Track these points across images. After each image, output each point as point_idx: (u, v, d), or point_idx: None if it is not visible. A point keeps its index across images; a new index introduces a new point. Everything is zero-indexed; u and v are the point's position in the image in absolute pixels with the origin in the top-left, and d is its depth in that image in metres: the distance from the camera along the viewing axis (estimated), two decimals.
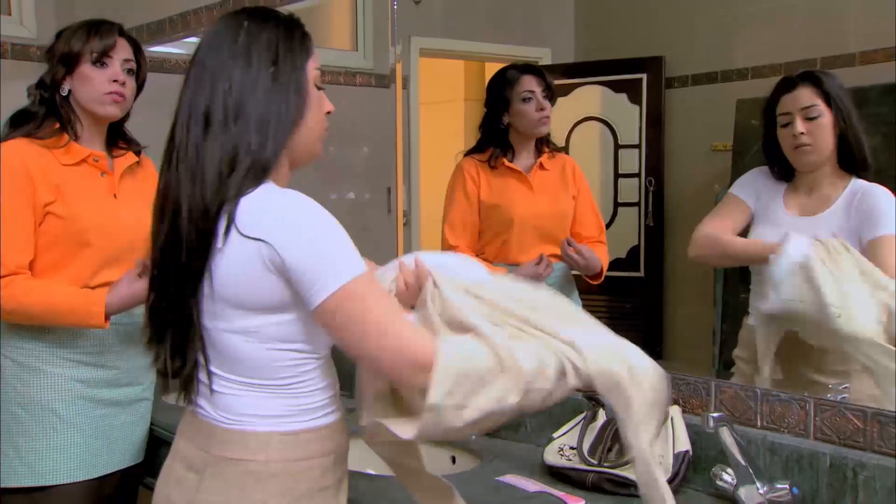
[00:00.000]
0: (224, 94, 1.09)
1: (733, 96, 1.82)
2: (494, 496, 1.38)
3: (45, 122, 1.63)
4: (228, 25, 1.13)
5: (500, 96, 2.03)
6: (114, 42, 1.65)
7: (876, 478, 1.21)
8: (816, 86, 1.49)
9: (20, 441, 1.59)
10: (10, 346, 1.62)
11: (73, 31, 1.66)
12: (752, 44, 1.82)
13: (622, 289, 2.10)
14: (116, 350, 1.65)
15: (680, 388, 1.49)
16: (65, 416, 1.59)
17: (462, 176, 2.05)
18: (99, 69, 1.64)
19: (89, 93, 1.63)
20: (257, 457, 1.11)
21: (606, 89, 2.17)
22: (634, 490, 1.36)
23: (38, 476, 1.57)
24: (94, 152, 1.65)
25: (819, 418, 1.32)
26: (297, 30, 1.15)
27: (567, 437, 1.51)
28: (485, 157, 2.05)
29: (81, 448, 1.60)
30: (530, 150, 2.05)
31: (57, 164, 1.60)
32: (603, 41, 2.19)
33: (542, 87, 1.99)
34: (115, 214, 1.63)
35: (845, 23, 1.68)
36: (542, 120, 2.00)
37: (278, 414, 1.12)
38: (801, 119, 1.50)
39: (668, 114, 2.04)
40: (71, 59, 1.63)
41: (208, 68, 1.11)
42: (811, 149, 1.51)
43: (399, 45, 2.09)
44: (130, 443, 1.68)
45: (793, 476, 1.29)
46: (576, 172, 2.06)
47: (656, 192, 2.06)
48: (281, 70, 1.11)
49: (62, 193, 1.58)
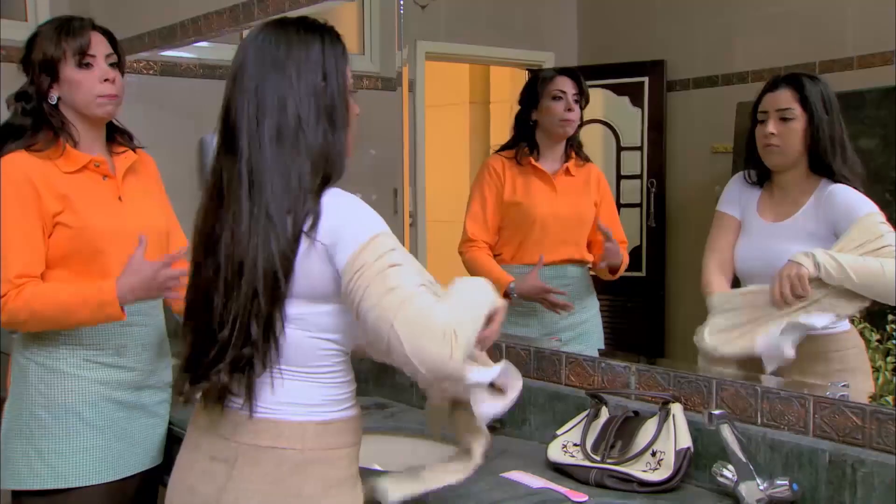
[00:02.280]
0: (287, 111, 1.14)
1: (733, 99, 1.83)
2: (499, 492, 1.39)
3: (38, 133, 1.57)
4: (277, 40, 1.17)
5: (532, 92, 2.06)
6: (88, 39, 1.58)
7: (874, 474, 1.23)
8: (797, 89, 1.51)
9: (42, 443, 1.57)
10: (34, 349, 1.60)
11: (45, 34, 1.58)
12: (752, 48, 1.84)
13: (625, 288, 2.12)
14: (136, 352, 1.64)
15: (681, 386, 1.51)
16: (87, 418, 1.58)
17: (488, 172, 2.08)
18: (85, 71, 1.57)
19: (82, 97, 1.58)
20: (294, 445, 1.15)
21: (609, 92, 2.19)
22: (637, 486, 1.39)
23: (61, 478, 1.56)
24: (95, 157, 1.60)
25: (818, 416, 1.33)
26: (338, 39, 1.21)
27: (570, 433, 1.53)
28: (512, 153, 2.08)
29: (103, 450, 1.59)
30: (557, 154, 2.06)
31: (59, 173, 1.56)
32: (605, 45, 2.21)
33: (575, 89, 2.02)
34: (122, 218, 1.61)
35: (843, 27, 1.69)
36: (566, 121, 2.02)
37: (313, 403, 1.17)
38: (775, 120, 1.53)
39: (669, 116, 2.05)
40: (52, 66, 1.57)
41: (267, 89, 1.15)
42: (779, 150, 1.53)
43: (405, 49, 2.11)
44: (151, 445, 1.67)
45: (792, 472, 1.31)
46: (601, 182, 2.09)
47: (658, 193, 2.08)
48: (329, 83, 1.17)
49: (69, 202, 1.55)
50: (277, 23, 1.21)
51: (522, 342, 1.83)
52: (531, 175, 2.05)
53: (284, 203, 1.12)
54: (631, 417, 1.50)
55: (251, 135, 1.14)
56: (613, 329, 2.16)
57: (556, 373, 1.72)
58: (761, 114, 1.56)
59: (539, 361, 1.76)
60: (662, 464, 1.39)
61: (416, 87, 2.16)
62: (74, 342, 1.59)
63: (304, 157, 1.14)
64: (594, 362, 1.66)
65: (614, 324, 2.16)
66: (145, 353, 1.66)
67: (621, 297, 2.14)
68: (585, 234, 2.05)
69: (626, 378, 1.60)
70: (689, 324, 1.64)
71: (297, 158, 1.14)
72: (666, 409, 1.44)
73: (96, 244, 1.57)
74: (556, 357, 1.73)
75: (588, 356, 1.70)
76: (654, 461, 1.40)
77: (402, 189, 2.13)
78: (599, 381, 1.64)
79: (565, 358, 1.71)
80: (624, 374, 1.61)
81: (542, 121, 2.05)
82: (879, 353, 1.49)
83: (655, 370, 1.56)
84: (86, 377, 1.59)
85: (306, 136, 1.14)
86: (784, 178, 1.56)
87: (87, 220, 1.57)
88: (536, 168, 2.05)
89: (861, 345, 1.50)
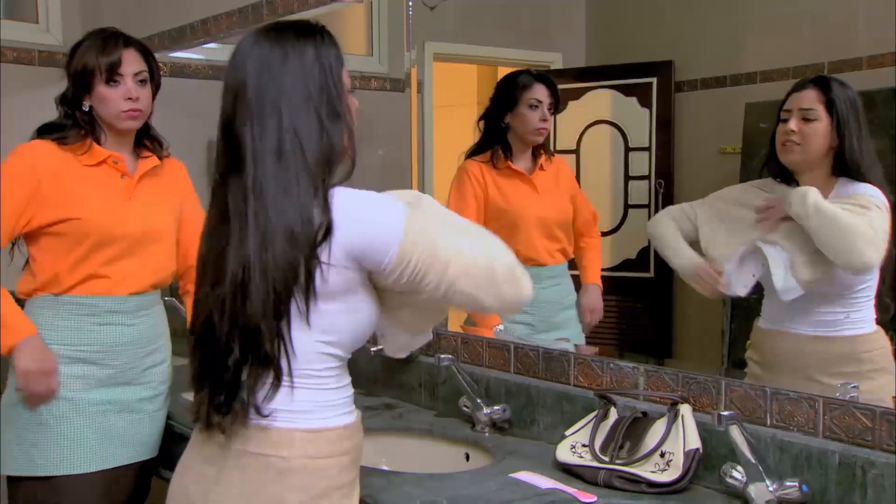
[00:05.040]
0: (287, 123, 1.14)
1: (742, 100, 1.83)
2: (508, 493, 1.40)
3: (71, 130, 1.70)
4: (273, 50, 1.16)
5: (509, 95, 2.07)
6: (119, 58, 1.68)
7: (884, 476, 1.23)
8: (822, 91, 1.51)
9: (23, 433, 1.65)
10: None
11: (84, 48, 1.70)
12: (761, 48, 1.84)
13: (632, 289, 2.12)
14: (114, 350, 1.69)
15: (690, 387, 1.51)
16: (63, 410, 1.65)
17: (468, 177, 2.08)
18: (112, 88, 1.68)
19: (107, 111, 1.70)
20: (280, 452, 1.14)
21: (617, 93, 2.19)
22: (646, 487, 1.39)
23: (36, 467, 1.64)
24: (114, 154, 1.71)
25: (828, 417, 1.33)
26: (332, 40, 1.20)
27: (579, 434, 1.53)
28: (486, 157, 2.08)
29: (79, 443, 1.65)
30: (527, 155, 2.11)
31: (78, 165, 1.68)
32: (613, 46, 2.21)
33: (551, 98, 2.06)
34: (125, 217, 1.69)
35: (853, 27, 1.69)
36: (541, 130, 2.07)
37: (302, 409, 1.15)
38: (798, 119, 1.53)
39: (677, 117, 2.05)
40: (84, 79, 1.68)
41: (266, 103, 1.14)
42: (799, 148, 1.53)
43: (414, 50, 2.11)
44: (135, 439, 1.71)
45: (802, 474, 1.30)
46: (566, 172, 2.15)
47: (666, 194, 2.08)
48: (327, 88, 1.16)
49: (74, 195, 1.65)
50: (272, 31, 1.19)
51: (530, 342, 1.83)
52: (512, 178, 2.08)
53: (291, 216, 1.11)
54: (640, 418, 1.50)
55: (255, 150, 1.14)
56: (622, 330, 2.16)
57: (564, 373, 1.72)
58: (785, 112, 1.56)
59: (547, 362, 1.76)
60: (671, 465, 1.39)
61: (424, 88, 2.16)
62: (55, 339, 1.66)
63: (307, 166, 1.13)
64: (602, 363, 1.66)
65: (623, 325, 2.16)
66: (125, 353, 1.71)
67: (629, 298, 2.15)
68: (568, 230, 2.10)
69: (635, 379, 1.60)
70: (697, 324, 1.64)
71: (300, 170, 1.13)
72: (675, 409, 1.44)
73: (94, 235, 1.65)
74: (564, 358, 1.73)
75: (596, 357, 1.70)
76: (663, 462, 1.40)
77: (411, 189, 2.13)
78: (608, 381, 1.64)
79: (574, 358, 1.71)
80: (632, 374, 1.61)
81: (515, 126, 2.08)
82: None
83: (664, 371, 1.56)
84: (63, 372, 1.65)
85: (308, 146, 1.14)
86: (805, 178, 1.56)
87: (88, 213, 1.65)
88: (515, 171, 2.07)
89: (888, 345, 1.50)
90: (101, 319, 1.68)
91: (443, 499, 1.36)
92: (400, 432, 1.81)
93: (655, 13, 2.07)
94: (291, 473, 1.13)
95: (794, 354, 1.55)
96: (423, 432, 1.80)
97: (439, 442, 1.77)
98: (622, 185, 2.16)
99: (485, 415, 1.74)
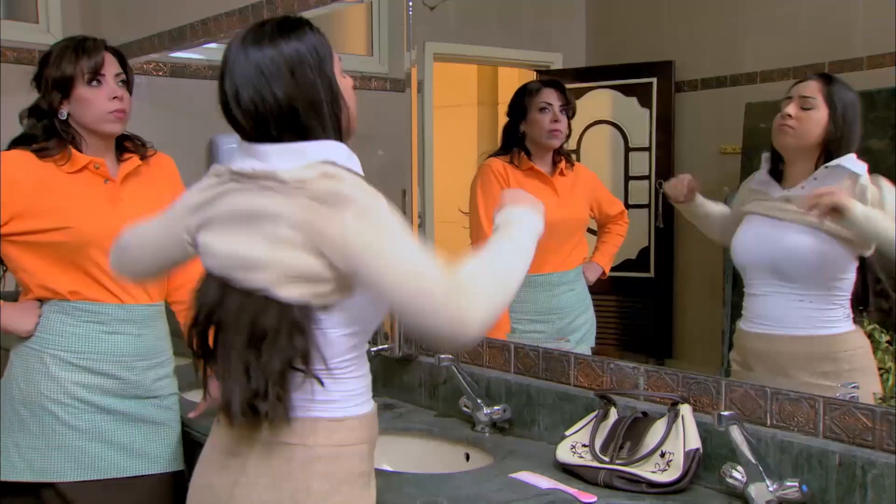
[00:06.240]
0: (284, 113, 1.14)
1: (742, 100, 1.83)
2: (508, 493, 1.40)
3: (49, 140, 1.65)
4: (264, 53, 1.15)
5: (519, 105, 2.12)
6: (102, 58, 1.66)
7: (884, 476, 1.23)
8: (825, 83, 1.54)
9: (20, 437, 1.62)
10: (20, 346, 1.67)
11: (60, 53, 1.66)
12: (761, 48, 1.84)
13: (633, 289, 2.12)
14: (118, 360, 1.66)
15: (690, 387, 1.51)
16: (63, 417, 1.61)
17: (492, 173, 2.11)
18: (94, 88, 1.65)
19: (91, 114, 1.65)
20: (305, 441, 1.16)
21: (617, 93, 2.19)
22: (646, 487, 1.39)
23: (37, 473, 1.60)
24: (95, 159, 1.66)
25: (828, 417, 1.33)
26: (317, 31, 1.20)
27: (579, 434, 1.53)
28: (508, 158, 2.11)
29: (81, 450, 1.62)
30: (547, 160, 2.12)
31: (60, 174, 1.63)
32: (613, 46, 2.21)
33: (561, 101, 2.08)
34: (111, 221, 1.62)
35: (853, 27, 1.69)
36: (554, 132, 2.08)
37: (326, 399, 1.17)
38: (797, 105, 1.55)
39: (677, 117, 2.05)
40: (65, 84, 1.64)
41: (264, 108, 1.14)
42: (793, 132, 1.55)
43: (414, 50, 2.11)
44: (141, 450, 1.67)
45: (802, 474, 1.31)
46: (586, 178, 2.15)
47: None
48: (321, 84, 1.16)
49: (58, 206, 1.61)
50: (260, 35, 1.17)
51: (532, 343, 1.83)
52: (533, 178, 2.08)
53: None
54: (640, 418, 1.50)
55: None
56: (622, 330, 2.16)
57: (564, 373, 1.72)
58: (786, 100, 1.58)
59: (547, 362, 1.76)
60: (671, 465, 1.39)
61: (425, 89, 2.16)
62: (57, 345, 1.64)
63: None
64: (602, 363, 1.66)
65: (623, 324, 2.16)
66: (130, 363, 1.67)
67: (629, 297, 2.15)
68: (583, 234, 2.12)
69: (635, 379, 1.60)
70: (698, 325, 1.64)
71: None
72: (675, 409, 1.44)
73: (79, 242, 1.62)
74: (564, 358, 1.73)
75: (597, 357, 1.70)
76: (663, 462, 1.40)
77: (411, 190, 2.14)
78: (608, 381, 1.64)
79: (574, 359, 1.72)
80: (632, 374, 1.61)
81: (530, 132, 2.10)
82: (889, 354, 1.48)
83: (664, 371, 1.56)
84: (65, 378, 1.63)
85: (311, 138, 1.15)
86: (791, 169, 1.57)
87: (74, 221, 1.62)
88: (536, 170, 2.08)
89: (867, 345, 1.51)
90: (110, 328, 1.65)
91: (443, 499, 1.36)
92: (400, 432, 1.81)
93: (655, 13, 2.07)
94: (317, 461, 1.16)
95: (772, 355, 1.56)
96: (423, 432, 1.81)
97: (439, 442, 1.77)
98: (622, 185, 2.16)
99: (485, 415, 1.74)
